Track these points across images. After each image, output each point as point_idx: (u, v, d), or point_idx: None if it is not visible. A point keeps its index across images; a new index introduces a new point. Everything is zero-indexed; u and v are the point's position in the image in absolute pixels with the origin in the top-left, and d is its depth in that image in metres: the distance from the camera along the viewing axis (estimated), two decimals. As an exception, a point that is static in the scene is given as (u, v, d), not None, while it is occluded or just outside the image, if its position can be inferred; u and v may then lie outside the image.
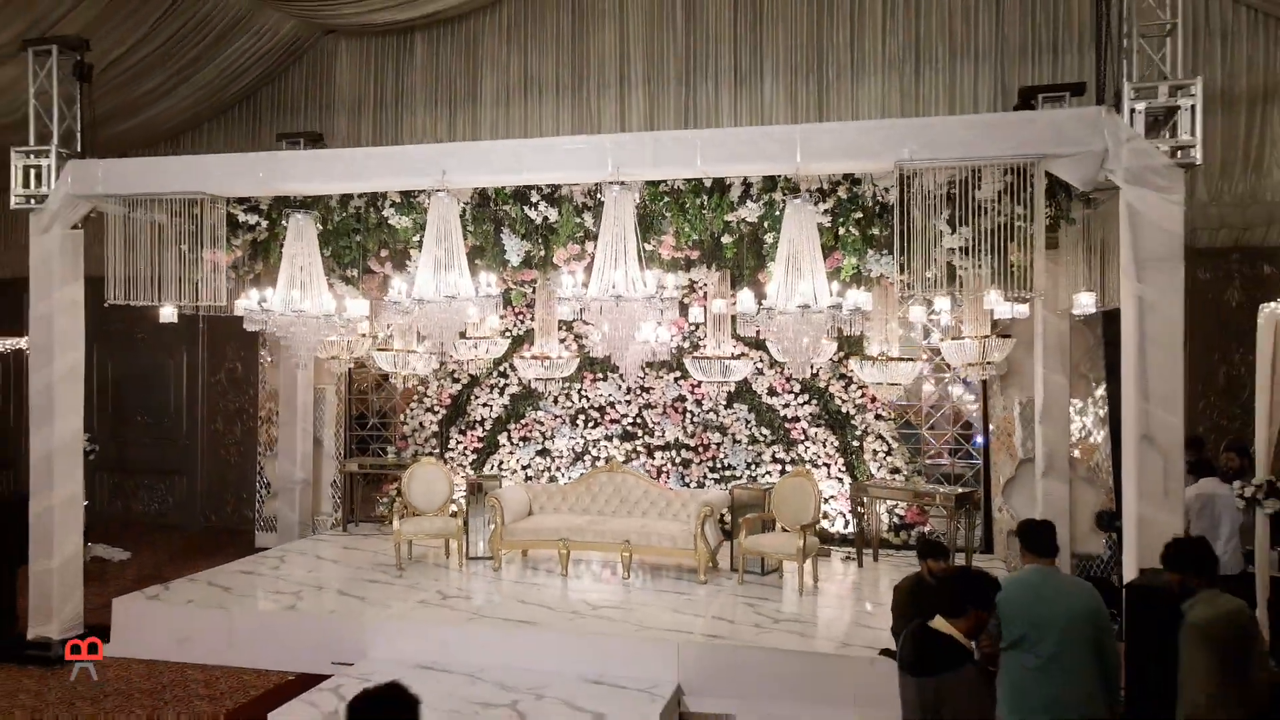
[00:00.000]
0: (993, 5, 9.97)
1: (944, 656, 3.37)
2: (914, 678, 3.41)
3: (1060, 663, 3.82)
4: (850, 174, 6.47)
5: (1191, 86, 5.32)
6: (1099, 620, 3.93)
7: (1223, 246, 9.42)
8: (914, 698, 3.39)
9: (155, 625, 7.22)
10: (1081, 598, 3.99)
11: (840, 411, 9.36)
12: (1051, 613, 3.89)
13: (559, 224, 7.04)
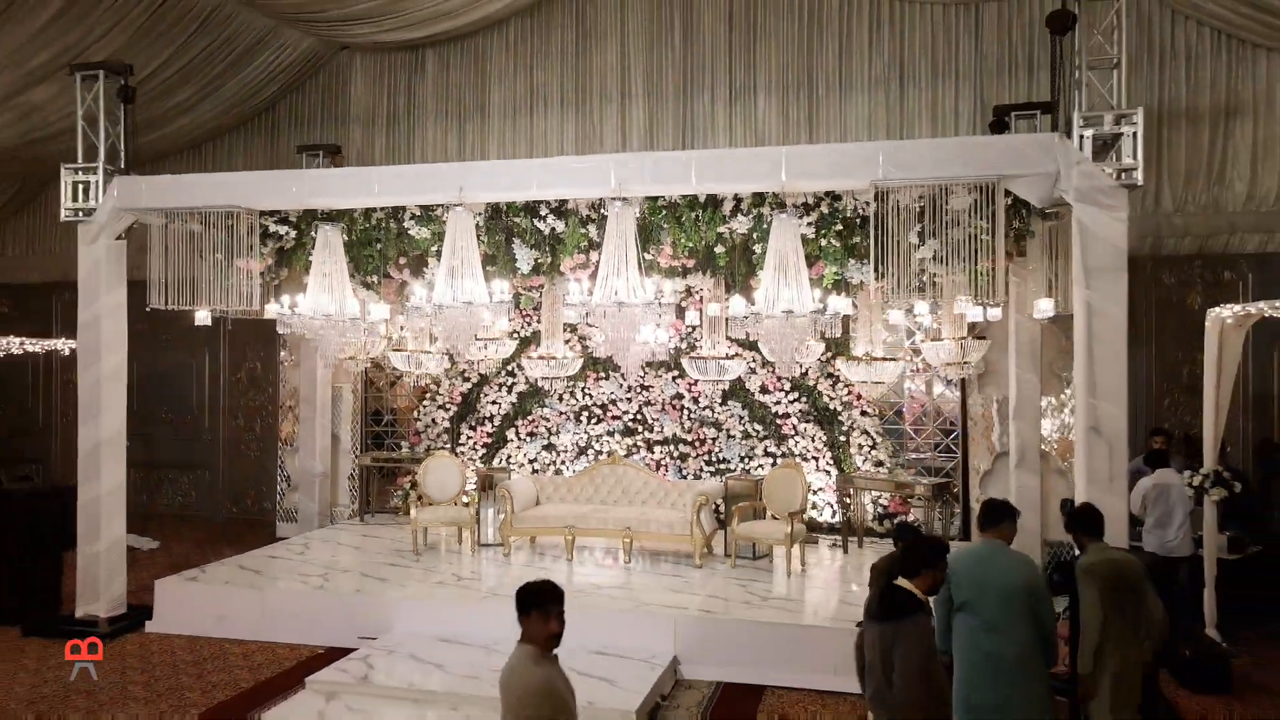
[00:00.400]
0: (972, 27, 10.59)
1: (903, 607, 3.99)
2: (876, 623, 4.03)
3: (998, 624, 4.42)
4: (831, 190, 7.09)
5: (1134, 115, 5.94)
6: (1034, 590, 4.52)
7: (1187, 254, 10.03)
8: (874, 640, 4.01)
9: (195, 604, 7.84)
10: (1019, 571, 4.58)
11: (828, 408, 9.99)
12: (992, 582, 4.49)
13: (565, 235, 7.67)
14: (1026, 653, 4.42)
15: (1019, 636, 4.41)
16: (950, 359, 8.80)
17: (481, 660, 6.64)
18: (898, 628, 3.92)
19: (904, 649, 3.84)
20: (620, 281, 6.70)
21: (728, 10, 11.27)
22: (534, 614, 3.28)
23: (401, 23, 11.33)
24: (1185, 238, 10.02)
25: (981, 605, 4.47)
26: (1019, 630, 4.42)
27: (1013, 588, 4.42)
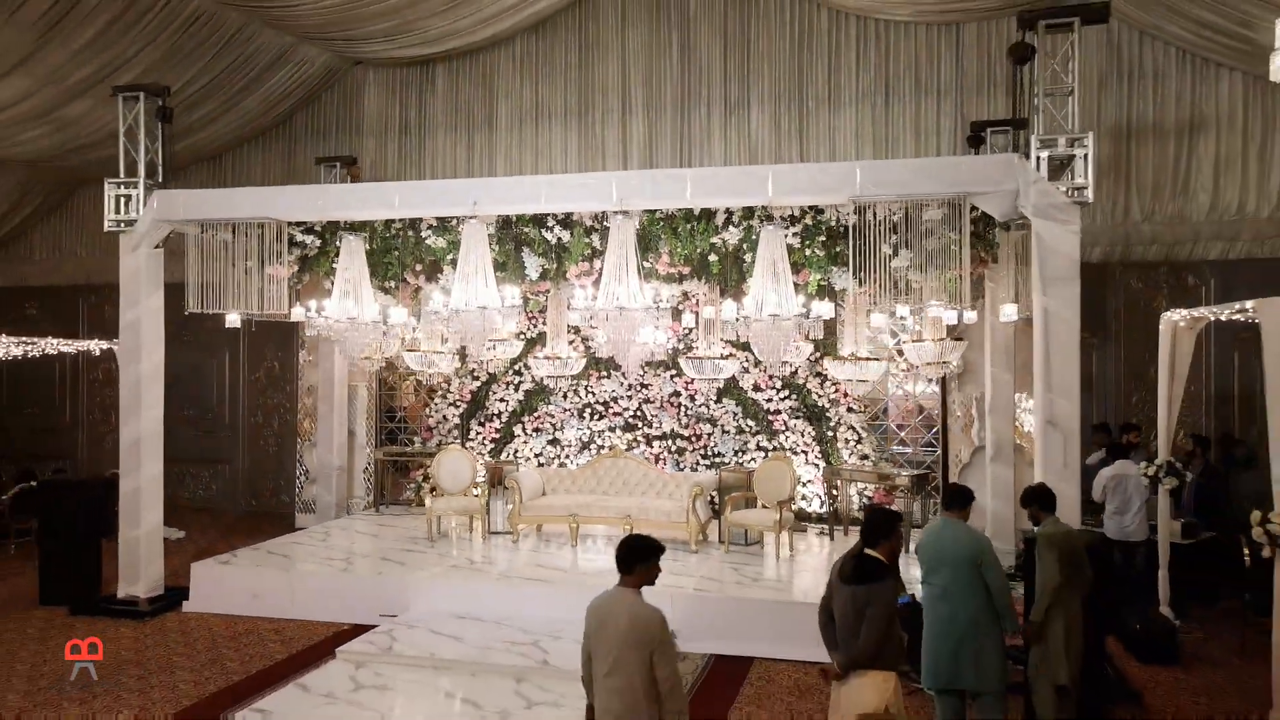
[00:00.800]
0: (953, 45, 11.23)
1: (874, 572, 4.62)
2: (848, 585, 4.65)
3: (950, 591, 5.05)
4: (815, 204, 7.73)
5: (1085, 139, 6.57)
6: (983, 561, 5.12)
7: (1153, 260, 10.67)
8: (847, 600, 4.62)
9: (228, 585, 8.48)
10: (969, 545, 5.19)
11: (816, 405, 10.63)
12: (946, 553, 5.12)
13: (571, 244, 8.32)
14: (979, 617, 5.04)
15: (971, 602, 5.04)
16: (931, 359, 9.42)
17: (494, 633, 7.28)
18: (870, 590, 4.55)
19: (874, 608, 4.48)
20: (621, 287, 7.35)
21: (723, 28, 11.92)
22: (651, 561, 3.98)
23: (414, 40, 11.97)
24: (1152, 245, 10.65)
25: (938, 574, 5.11)
26: (971, 597, 5.04)
27: (963, 558, 5.05)
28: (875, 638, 4.47)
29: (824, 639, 4.76)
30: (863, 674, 4.48)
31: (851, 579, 4.66)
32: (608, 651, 3.91)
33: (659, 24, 12.11)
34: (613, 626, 3.91)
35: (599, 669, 3.96)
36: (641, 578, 3.99)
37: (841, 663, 4.62)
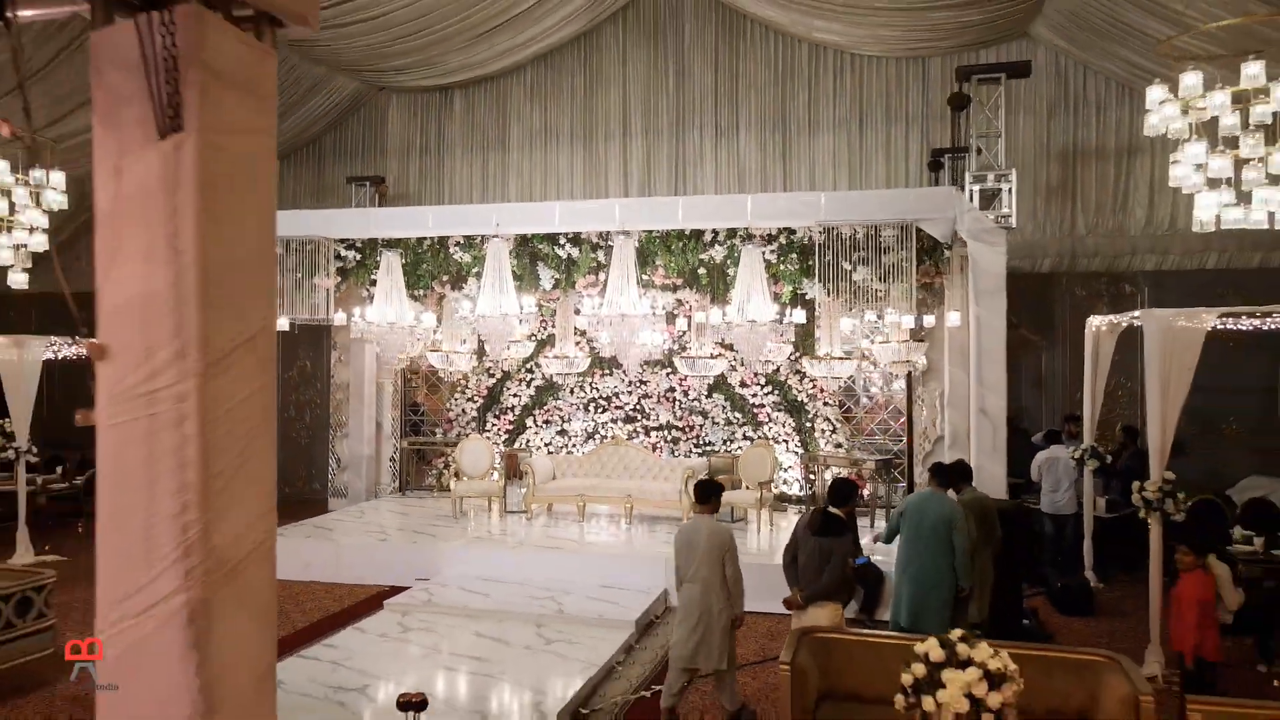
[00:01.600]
0: (920, 78, 12.54)
1: (836, 527, 5.94)
2: (815, 537, 5.96)
3: (920, 543, 6.30)
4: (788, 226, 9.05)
5: (1009, 174, 7.89)
6: (952, 523, 6.34)
7: (1096, 270, 11.97)
8: (814, 549, 5.93)
9: (282, 555, 9.69)
10: (941, 510, 6.39)
11: (796, 399, 11.93)
12: (923, 514, 6.37)
13: (579, 259, 9.63)
14: (941, 566, 6.29)
15: (937, 556, 6.28)
16: (896, 358, 10.73)
17: (515, 590, 8.58)
18: (832, 541, 5.88)
19: (835, 556, 5.81)
20: (623, 297, 8.68)
21: (714, 61, 13.23)
22: (719, 497, 5.81)
23: (436, 71, 13.30)
24: (1095, 257, 11.96)
25: (917, 531, 6.35)
26: (941, 554, 6.27)
27: (938, 519, 6.29)
28: (835, 578, 5.84)
29: (787, 576, 6.10)
30: (820, 605, 5.84)
31: (819, 532, 6.01)
32: (691, 559, 5.61)
33: (656, 56, 13.42)
34: (697, 540, 5.60)
35: (684, 574, 5.66)
36: (714, 507, 5.76)
37: (805, 596, 5.97)
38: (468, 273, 9.92)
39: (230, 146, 2.04)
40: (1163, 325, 6.75)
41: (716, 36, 13.21)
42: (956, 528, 6.29)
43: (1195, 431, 11.69)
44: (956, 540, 6.27)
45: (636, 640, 7.61)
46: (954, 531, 6.28)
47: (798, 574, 6.11)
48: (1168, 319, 6.77)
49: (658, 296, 9.67)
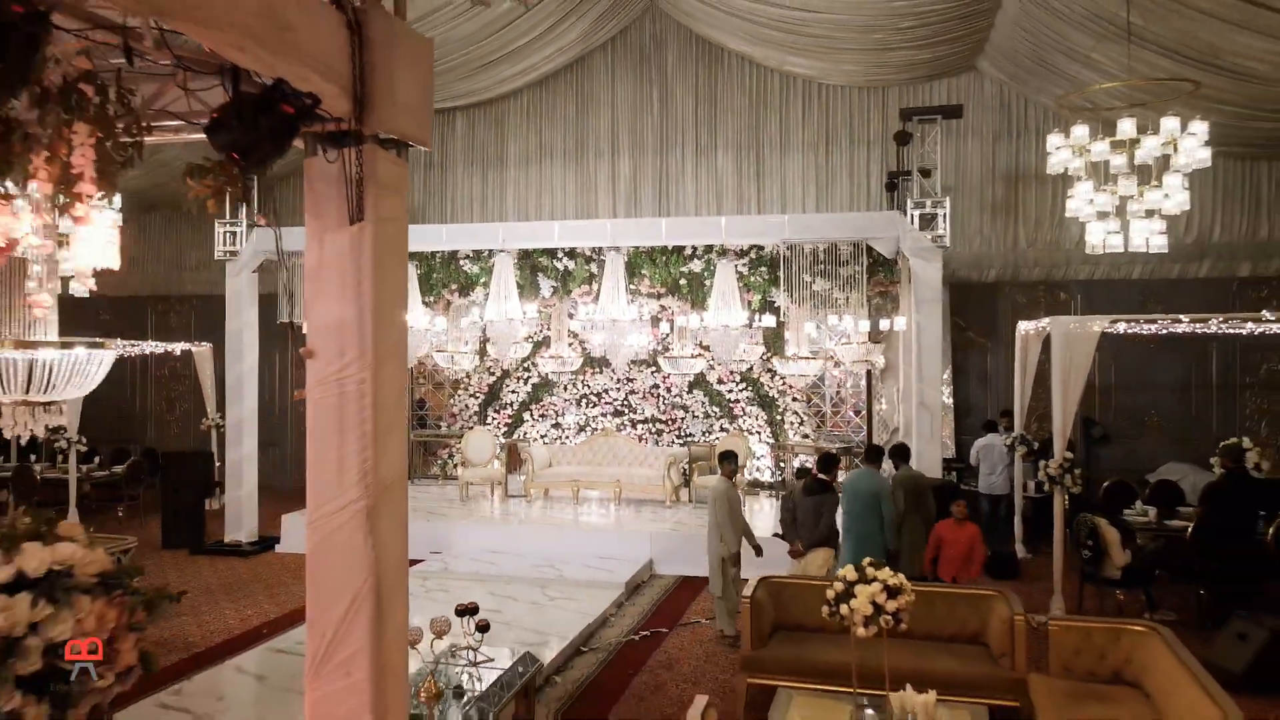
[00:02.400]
0: (880, 105, 13.88)
1: (825, 487, 7.31)
2: (811, 496, 7.33)
3: (856, 512, 7.62)
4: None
5: (944, 202, 9.24)
6: (879, 495, 7.67)
7: (1035, 280, 13.37)
8: (810, 506, 7.31)
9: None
10: (870, 485, 7.70)
11: (768, 395, 13.28)
12: (857, 488, 7.69)
13: (575, 270, 10.92)
14: (872, 530, 7.60)
15: (868, 521, 7.60)
16: (857, 358, 12.09)
17: (520, 560, 9.87)
18: (823, 499, 7.29)
19: (827, 511, 7.22)
20: (614, 304, 9.97)
21: (694, 87, 14.53)
22: (734, 463, 7.51)
23: (440, 96, 14.52)
24: (1035, 268, 13.35)
25: (853, 504, 7.68)
26: (869, 518, 7.59)
27: (869, 493, 7.61)
28: (828, 527, 7.28)
29: (786, 534, 7.60)
30: (816, 551, 7.28)
31: (812, 492, 7.38)
32: (709, 510, 7.38)
33: (642, 82, 14.70)
34: (711, 496, 7.46)
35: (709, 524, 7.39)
36: (727, 471, 7.52)
37: (805, 543, 7.41)
38: (475, 282, 11.19)
39: (387, 229, 3.33)
40: (1063, 330, 8.12)
41: (697, 65, 14.51)
42: (884, 499, 7.65)
43: (1122, 423, 13.15)
44: (885, 509, 7.63)
45: (626, 599, 8.92)
46: (882, 502, 7.64)
47: (797, 529, 7.51)
48: (1067, 325, 8.15)
49: (644, 304, 10.98)
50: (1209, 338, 12.33)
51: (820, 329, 12.06)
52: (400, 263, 3.51)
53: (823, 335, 12.68)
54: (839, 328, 10.94)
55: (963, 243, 13.09)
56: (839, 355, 12.23)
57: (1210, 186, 12.81)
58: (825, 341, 12.86)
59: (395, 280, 3.44)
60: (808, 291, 9.90)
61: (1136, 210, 7.72)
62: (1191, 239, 12.93)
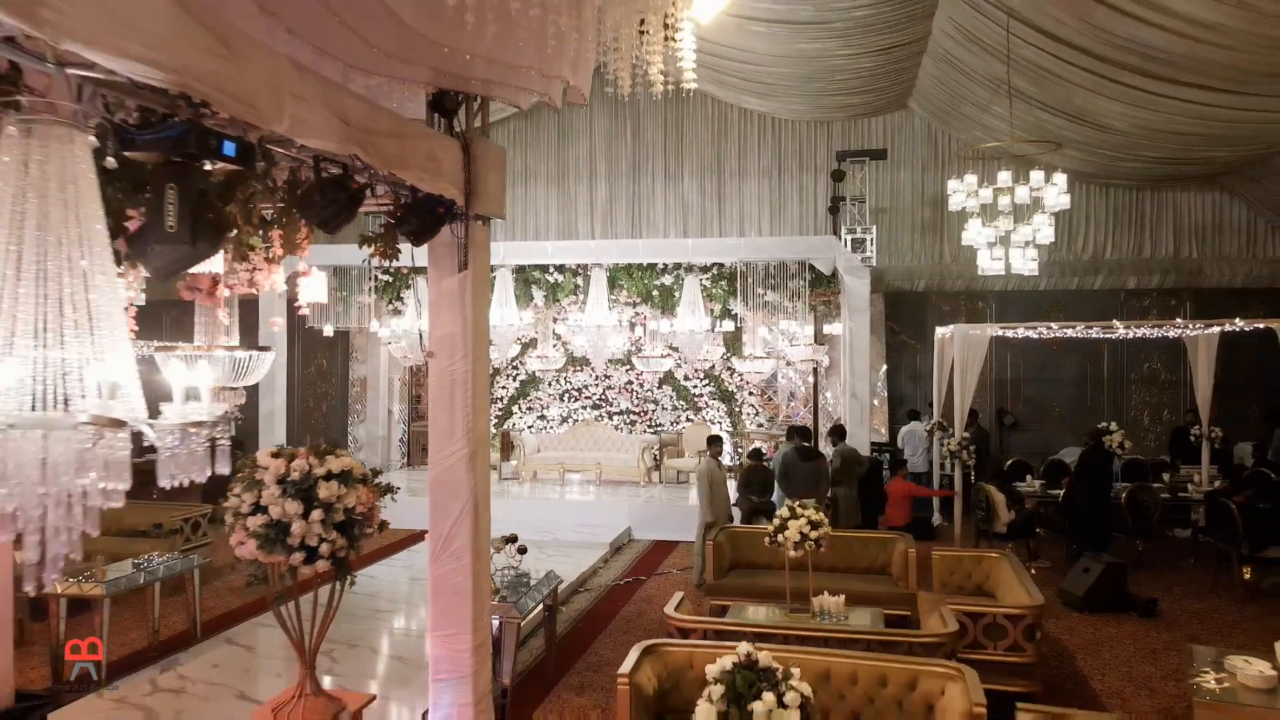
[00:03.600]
0: (825, 137, 15.90)
1: (817, 454, 9.25)
2: (805, 462, 9.23)
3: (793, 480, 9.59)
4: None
5: (871, 229, 11.24)
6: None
7: (958, 290, 15.46)
8: (807, 471, 9.20)
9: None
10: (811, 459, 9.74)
11: (728, 389, 15.23)
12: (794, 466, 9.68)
13: (563, 282, 12.78)
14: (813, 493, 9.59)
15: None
16: (804, 357, 14.09)
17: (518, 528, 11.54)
18: (818, 462, 9.23)
19: (822, 469, 9.16)
20: (597, 311, 11.85)
21: (664, 120, 16.45)
22: (719, 446, 9.14)
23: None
24: (958, 279, 15.45)
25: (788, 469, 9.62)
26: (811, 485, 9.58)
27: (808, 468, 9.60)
28: (828, 484, 9.18)
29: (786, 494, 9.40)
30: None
31: (807, 458, 9.29)
32: (697, 484, 9.04)
33: (617, 114, 16.58)
34: (699, 473, 9.15)
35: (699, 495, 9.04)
36: (715, 452, 9.14)
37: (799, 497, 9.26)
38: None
39: (479, 274, 5.19)
40: (961, 335, 10.16)
41: (665, 100, 16.41)
42: (825, 473, 9.61)
43: (1030, 413, 15.31)
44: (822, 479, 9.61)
45: (611, 556, 10.82)
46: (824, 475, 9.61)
47: (793, 489, 9.42)
48: (966, 331, 10.19)
49: (622, 311, 12.86)
50: (1102, 340, 14.49)
51: (772, 333, 14.05)
52: (486, 296, 5.39)
53: (775, 338, 14.70)
54: (788, 332, 12.92)
55: (896, 258, 15.16)
56: (789, 355, 14.24)
57: (1104, 211, 15.05)
58: (777, 343, 14.89)
59: (483, 308, 5.32)
60: (761, 301, 11.84)
61: (1017, 240, 9.78)
62: (1088, 256, 15.15)
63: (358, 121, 3.86)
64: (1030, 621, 6.02)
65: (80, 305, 2.29)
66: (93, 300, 2.33)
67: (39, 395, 2.17)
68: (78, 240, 2.34)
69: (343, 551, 3.97)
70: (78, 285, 2.30)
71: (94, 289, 2.33)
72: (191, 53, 2.82)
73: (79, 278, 2.31)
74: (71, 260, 2.32)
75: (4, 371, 2.12)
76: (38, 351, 2.18)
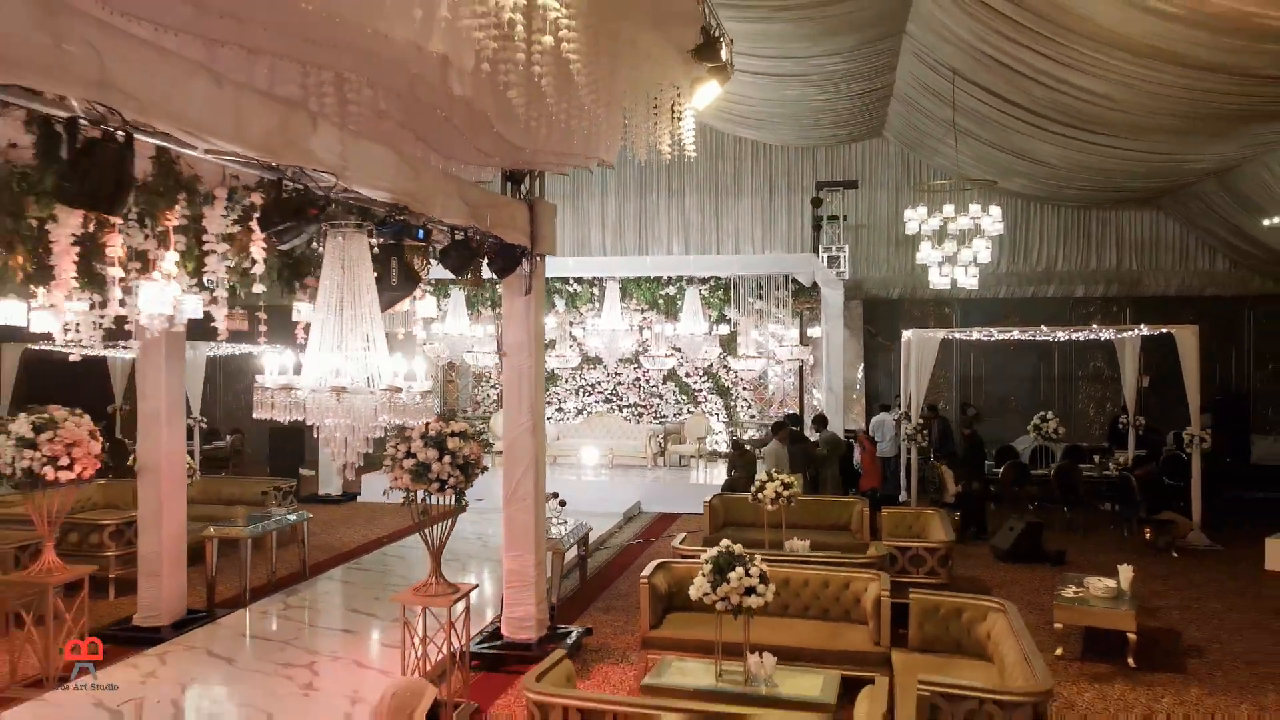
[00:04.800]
0: (811, 161, 17.91)
1: (803, 437, 11.29)
2: (793, 445, 11.23)
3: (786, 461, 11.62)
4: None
5: (845, 248, 13.25)
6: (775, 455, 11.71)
7: (928, 298, 17.41)
8: (797, 453, 11.20)
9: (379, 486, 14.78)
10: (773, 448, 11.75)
11: (724, 385, 17.26)
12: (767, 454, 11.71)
13: (580, 291, 14.81)
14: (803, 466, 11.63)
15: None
16: (791, 357, 16.13)
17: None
18: (806, 445, 11.25)
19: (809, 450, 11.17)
20: (611, 316, 13.89)
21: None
22: (783, 430, 10.81)
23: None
24: (928, 288, 17.38)
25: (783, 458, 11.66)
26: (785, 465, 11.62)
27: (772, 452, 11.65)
28: (815, 464, 11.19)
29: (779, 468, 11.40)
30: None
31: (795, 442, 11.29)
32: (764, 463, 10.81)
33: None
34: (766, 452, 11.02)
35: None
36: (780, 438, 11.03)
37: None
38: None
39: (537, 298, 7.25)
40: (917, 337, 12.19)
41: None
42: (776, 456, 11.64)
43: (990, 406, 17.32)
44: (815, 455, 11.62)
45: (625, 523, 12.86)
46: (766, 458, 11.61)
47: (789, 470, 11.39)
48: (920, 334, 12.21)
49: (632, 317, 14.89)
50: (1053, 342, 16.49)
51: (762, 335, 16.09)
52: (541, 312, 7.44)
53: (765, 340, 16.73)
54: (776, 334, 14.95)
55: (873, 269, 17.17)
56: (777, 355, 16.28)
57: (1054, 229, 17.08)
58: (767, 344, 16.92)
59: (540, 320, 7.38)
60: (752, 308, 13.86)
61: (962, 260, 11.80)
62: (1041, 267, 17.18)
63: (474, 203, 5.91)
64: (944, 553, 8.06)
65: (368, 334, 4.33)
66: (372, 330, 4.37)
67: (359, 378, 4.21)
68: (365, 291, 4.39)
69: (461, 484, 6.00)
70: (365, 320, 4.35)
71: (374, 321, 4.38)
72: (401, 180, 4.88)
73: (366, 319, 4.36)
74: (360, 306, 4.36)
75: (349, 367, 4.17)
76: (357, 355, 4.23)
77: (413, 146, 5.83)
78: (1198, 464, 11.28)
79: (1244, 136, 10.39)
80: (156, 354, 7.71)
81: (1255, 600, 8.91)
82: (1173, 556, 10.68)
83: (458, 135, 5.92)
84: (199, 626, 7.78)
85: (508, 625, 7.24)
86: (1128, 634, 6.91)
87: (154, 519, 7.69)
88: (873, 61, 12.29)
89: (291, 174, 4.24)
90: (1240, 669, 6.95)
